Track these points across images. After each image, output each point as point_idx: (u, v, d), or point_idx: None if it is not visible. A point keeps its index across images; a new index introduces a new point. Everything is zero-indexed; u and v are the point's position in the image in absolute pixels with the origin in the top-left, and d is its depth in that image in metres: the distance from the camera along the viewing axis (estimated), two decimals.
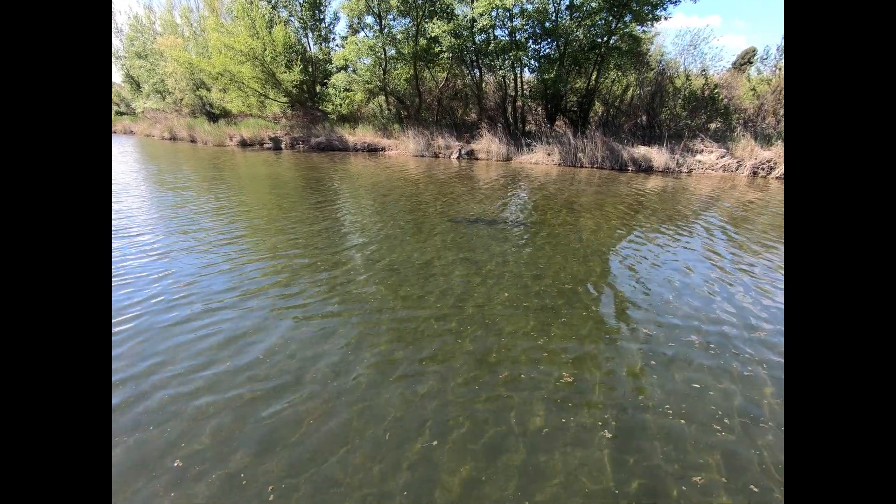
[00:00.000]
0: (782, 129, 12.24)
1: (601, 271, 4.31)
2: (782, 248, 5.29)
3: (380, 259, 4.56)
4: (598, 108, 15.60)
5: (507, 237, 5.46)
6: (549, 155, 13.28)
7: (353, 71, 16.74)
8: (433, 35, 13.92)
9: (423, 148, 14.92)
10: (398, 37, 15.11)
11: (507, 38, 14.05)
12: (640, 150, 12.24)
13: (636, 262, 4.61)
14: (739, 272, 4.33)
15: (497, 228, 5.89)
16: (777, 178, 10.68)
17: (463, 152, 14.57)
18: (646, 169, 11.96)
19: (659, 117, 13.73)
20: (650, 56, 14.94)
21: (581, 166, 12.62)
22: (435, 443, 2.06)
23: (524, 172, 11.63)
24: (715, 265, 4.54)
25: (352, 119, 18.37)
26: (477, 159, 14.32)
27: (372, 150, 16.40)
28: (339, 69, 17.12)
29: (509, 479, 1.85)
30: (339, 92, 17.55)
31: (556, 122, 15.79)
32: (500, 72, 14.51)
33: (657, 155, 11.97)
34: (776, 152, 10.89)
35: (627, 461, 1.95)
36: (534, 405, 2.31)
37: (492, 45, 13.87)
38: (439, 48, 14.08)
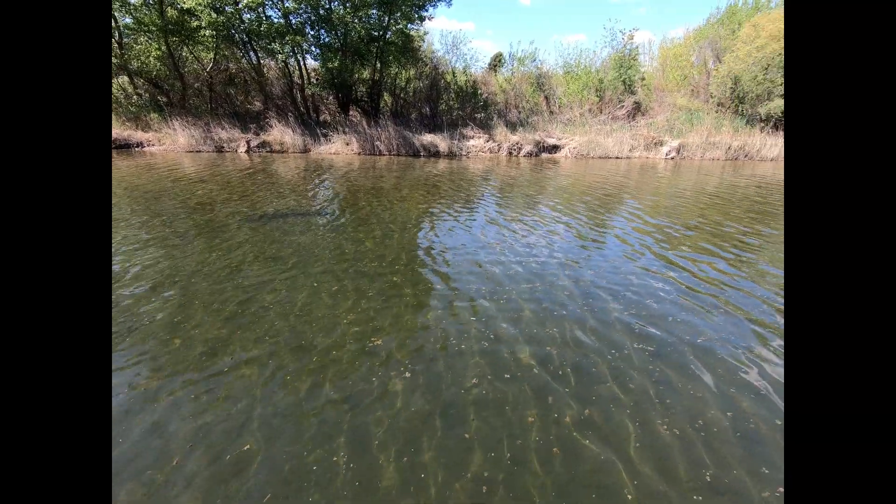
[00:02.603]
0: (523, 118, 15.96)
1: (407, 245, 4.84)
2: (547, 203, 7.13)
3: (164, 276, 3.82)
4: (388, 98, 16.58)
5: (315, 228, 5.40)
6: (347, 144, 13.41)
7: None
8: (186, 6, 11.71)
9: (199, 141, 12.63)
10: (133, 2, 12.04)
11: (281, 21, 13.15)
12: (428, 138, 13.80)
13: (437, 232, 5.36)
14: (521, 224, 5.64)
15: (303, 221, 5.73)
16: (524, 155, 13.96)
17: (253, 145, 13.10)
18: (434, 154, 13.60)
19: (438, 108, 15.72)
20: (423, 53, 16.75)
21: (380, 154, 13.29)
22: (247, 446, 2.02)
23: (326, 163, 11.44)
24: (505, 219, 5.75)
25: None
26: (272, 152, 13.15)
27: (123, 146, 12.80)
28: None
29: (337, 447, 2.03)
30: None
31: (350, 112, 15.98)
32: (281, 56, 13.53)
33: (441, 141, 13.75)
34: (521, 136, 14.19)
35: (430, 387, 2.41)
36: (350, 375, 2.53)
37: (264, 25, 12.73)
38: (198, 23, 11.98)
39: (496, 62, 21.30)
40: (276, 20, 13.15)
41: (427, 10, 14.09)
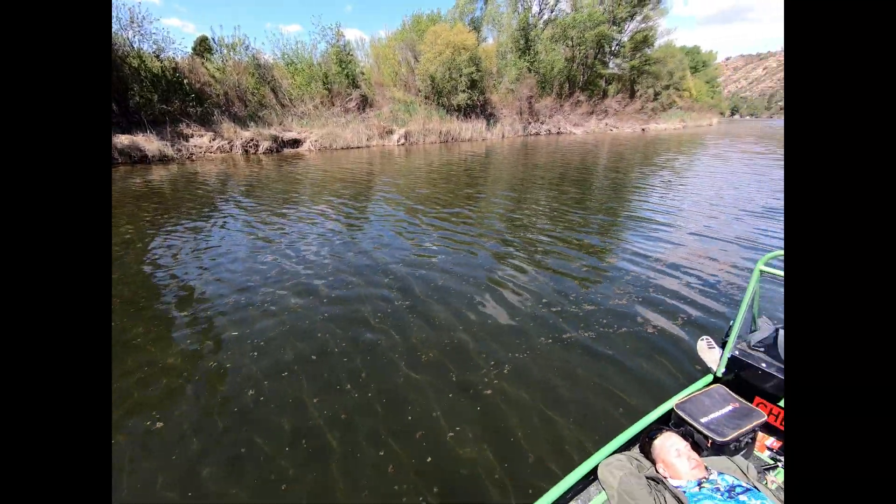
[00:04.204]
0: (252, 112, 14.56)
1: (120, 279, 3.74)
2: (304, 197, 6.76)
3: None
4: None
5: None
6: None
7: None
8: None
9: None
10: None
11: None
12: (125, 140, 10.64)
13: (166, 255, 4.35)
14: (281, 223, 5.18)
15: None
16: (264, 152, 12.90)
17: None
18: (141, 160, 10.68)
19: (131, 102, 12.22)
20: None
21: None
22: None
23: None
24: (260, 220, 5.14)
25: None
26: None
27: None
28: None
29: None
30: None
31: None
32: None
33: (148, 143, 10.90)
34: (255, 132, 12.98)
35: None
36: None
37: None
38: None
39: (202, 48, 18.25)
40: None
41: None
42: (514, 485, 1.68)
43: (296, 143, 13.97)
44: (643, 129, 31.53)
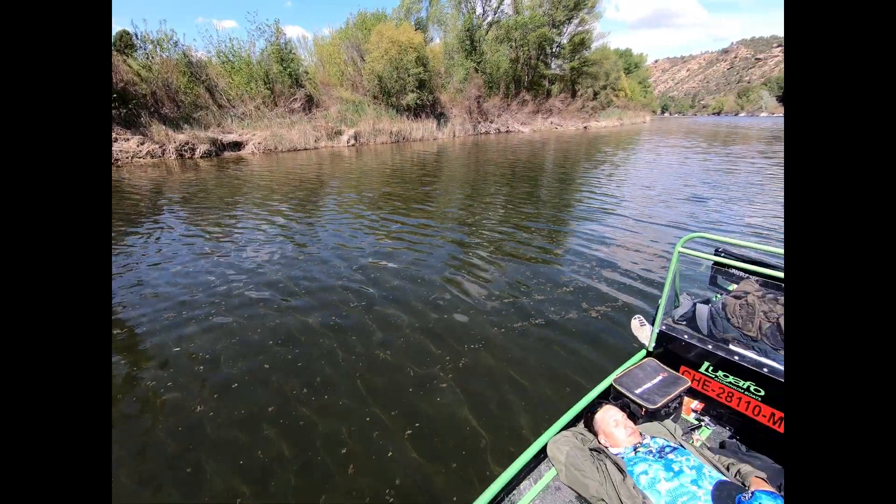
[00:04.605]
0: (186, 113, 13.55)
1: None
2: (253, 202, 6.39)
3: None
4: None
5: None
6: None
7: None
8: None
9: None
10: None
11: None
12: None
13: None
14: (222, 239, 4.87)
15: None
16: (201, 156, 12.08)
17: None
18: None
19: None
20: None
21: None
22: None
23: None
24: (196, 238, 4.79)
25: None
26: None
27: None
28: None
29: None
30: None
31: None
32: None
33: None
34: (190, 135, 12.11)
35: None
36: None
37: None
38: None
39: (123, 43, 16.65)
40: None
41: None
42: (493, 449, 1.75)
43: (237, 145, 13.21)
44: (585, 127, 33.27)
